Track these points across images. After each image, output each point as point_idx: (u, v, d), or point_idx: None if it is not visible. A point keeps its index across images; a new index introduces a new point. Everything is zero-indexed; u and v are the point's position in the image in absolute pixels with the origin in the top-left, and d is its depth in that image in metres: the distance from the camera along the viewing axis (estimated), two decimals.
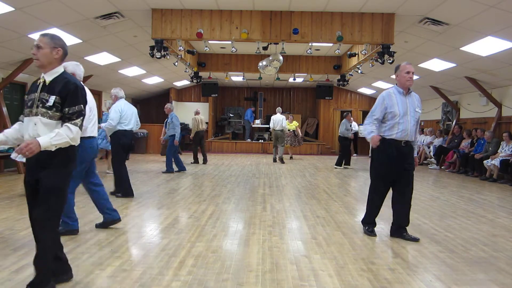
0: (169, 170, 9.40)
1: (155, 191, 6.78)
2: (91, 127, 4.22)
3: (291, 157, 14.01)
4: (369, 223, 4.33)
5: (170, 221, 4.71)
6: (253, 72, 13.26)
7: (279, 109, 12.82)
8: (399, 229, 4.20)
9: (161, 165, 10.37)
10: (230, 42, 8.67)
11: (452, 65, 9.77)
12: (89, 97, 4.14)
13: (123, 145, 6.19)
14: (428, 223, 4.86)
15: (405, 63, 4.14)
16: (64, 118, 2.59)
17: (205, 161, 11.91)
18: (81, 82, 2.75)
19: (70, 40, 8.24)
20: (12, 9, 6.35)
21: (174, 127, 9.45)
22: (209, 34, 8.14)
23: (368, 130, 4.15)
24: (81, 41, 8.45)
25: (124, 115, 6.15)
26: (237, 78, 15.85)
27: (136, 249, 3.68)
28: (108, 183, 7.41)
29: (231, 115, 18.99)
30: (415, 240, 4.07)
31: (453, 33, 7.74)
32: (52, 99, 2.57)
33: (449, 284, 2.99)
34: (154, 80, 14.70)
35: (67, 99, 2.59)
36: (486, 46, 7.98)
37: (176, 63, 10.73)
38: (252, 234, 4.21)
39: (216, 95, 16.97)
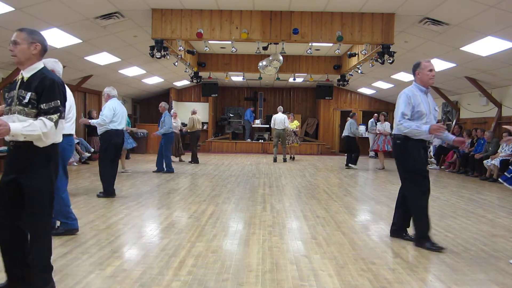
0: (168, 170, 9.41)
1: (155, 191, 6.78)
2: (70, 125, 4.25)
3: (292, 157, 14.00)
4: (428, 236, 3.84)
5: (170, 221, 4.71)
6: (253, 72, 13.26)
7: (280, 108, 12.84)
8: (401, 230, 4.14)
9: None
10: (230, 42, 8.67)
11: (452, 65, 9.77)
12: (68, 94, 4.10)
13: (115, 144, 6.18)
14: None
15: (426, 61, 3.90)
16: (40, 113, 2.46)
17: (195, 161, 11.87)
18: (60, 79, 2.67)
19: (70, 40, 8.25)
20: (12, 9, 6.35)
21: (165, 125, 9.45)
22: (209, 34, 8.15)
23: (412, 126, 3.75)
24: (81, 41, 8.45)
25: (117, 114, 6.18)
26: (237, 78, 15.85)
27: (136, 249, 3.68)
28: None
29: (231, 115, 18.99)
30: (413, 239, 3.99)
31: (453, 33, 7.74)
32: (28, 95, 2.48)
33: (449, 284, 2.99)
34: (154, 80, 14.70)
35: (43, 94, 2.47)
36: (486, 46, 7.98)
37: (176, 63, 10.73)
38: (252, 234, 4.21)
39: (216, 95, 16.98)
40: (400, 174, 4.06)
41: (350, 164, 11.30)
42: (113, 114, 6.13)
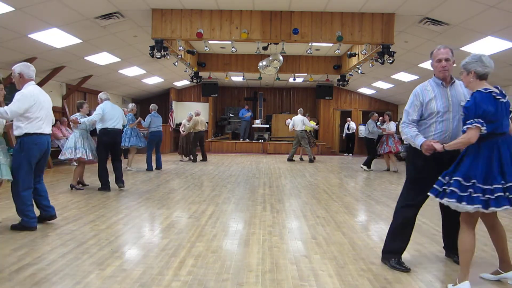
0: (149, 168, 9.83)
1: (155, 191, 6.77)
2: (35, 124, 4.28)
3: (301, 158, 13.88)
4: (396, 253, 3.35)
5: (170, 221, 4.71)
6: (253, 72, 13.27)
7: (300, 110, 13.05)
8: (449, 250, 3.58)
9: (162, 165, 10.34)
10: (230, 42, 8.67)
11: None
12: (33, 93, 4.34)
13: (104, 143, 6.79)
14: (428, 223, 4.85)
15: (437, 48, 3.23)
16: None
17: (205, 159, 12.51)
18: None
19: (70, 40, 8.25)
20: (12, 9, 6.35)
21: (145, 125, 9.94)
22: (209, 34, 8.15)
23: (408, 135, 3.22)
24: (81, 41, 8.45)
25: (106, 113, 6.74)
26: (237, 78, 15.85)
27: (136, 249, 3.68)
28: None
29: (231, 115, 18.98)
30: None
31: (453, 33, 7.74)
32: None
33: (449, 284, 2.99)
34: (154, 80, 14.70)
35: None
36: (486, 46, 7.98)
37: (176, 63, 10.73)
38: (252, 234, 4.21)
39: (216, 95, 16.99)
40: None
41: (362, 166, 10.85)
42: (102, 114, 6.72)
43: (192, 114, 12.34)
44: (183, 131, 12.13)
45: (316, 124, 14.35)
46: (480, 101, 2.76)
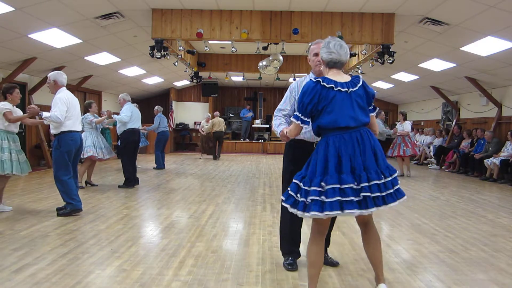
0: (159, 166, 10.20)
1: (155, 191, 6.78)
2: (74, 122, 5.03)
3: None
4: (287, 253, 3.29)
5: (170, 221, 4.71)
6: (253, 72, 13.25)
7: None
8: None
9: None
10: (230, 42, 8.66)
11: (452, 65, 9.77)
12: (72, 98, 5.07)
13: (134, 142, 7.36)
14: (428, 223, 4.86)
15: (315, 42, 3.26)
16: None
17: (218, 157, 13.47)
18: None
19: (70, 40, 8.24)
20: (12, 9, 6.35)
21: (155, 126, 10.36)
22: (209, 34, 8.14)
23: (274, 124, 3.26)
24: (81, 41, 8.45)
25: (133, 114, 7.22)
26: (237, 78, 15.84)
27: (136, 249, 3.68)
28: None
29: (231, 115, 18.97)
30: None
31: (453, 33, 7.73)
32: None
33: (449, 284, 2.99)
34: (154, 80, 14.69)
35: None
36: (486, 46, 7.98)
37: (176, 63, 10.72)
38: (252, 234, 4.21)
39: (216, 95, 16.97)
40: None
41: None
42: (131, 115, 7.17)
43: (209, 115, 13.82)
44: (203, 132, 13.17)
45: None
46: (302, 92, 2.52)
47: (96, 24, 7.78)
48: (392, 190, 2.41)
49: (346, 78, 2.54)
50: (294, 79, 14.79)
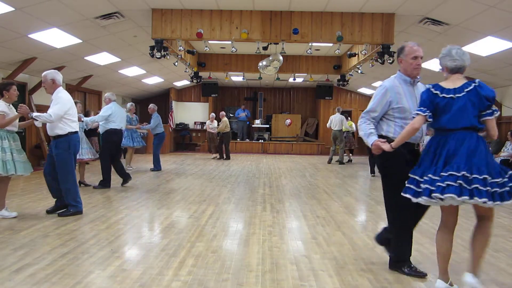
0: (157, 168, 9.81)
1: (155, 191, 6.77)
2: (76, 123, 4.96)
3: (350, 160, 13.40)
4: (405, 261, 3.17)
5: (170, 221, 4.71)
6: (253, 72, 13.26)
7: (339, 108, 12.80)
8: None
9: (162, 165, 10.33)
10: (230, 42, 8.67)
11: None
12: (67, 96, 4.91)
13: (114, 142, 7.22)
14: (428, 223, 4.85)
15: (412, 44, 3.13)
16: None
17: (228, 157, 13.49)
18: None
19: (70, 40, 8.24)
20: (12, 9, 6.35)
21: (152, 126, 9.87)
22: (209, 34, 8.14)
23: (362, 132, 3.14)
24: (81, 41, 8.45)
25: (115, 114, 7.09)
26: (237, 78, 15.84)
27: (136, 249, 3.68)
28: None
29: (231, 115, 18.95)
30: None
31: (453, 33, 7.73)
32: None
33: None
34: (154, 80, 14.69)
35: None
36: (486, 46, 7.98)
37: (176, 63, 10.72)
38: (252, 234, 4.21)
39: (216, 95, 16.98)
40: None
41: (372, 174, 9.76)
42: (110, 114, 7.00)
43: (213, 115, 13.81)
44: (212, 131, 13.41)
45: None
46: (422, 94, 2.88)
47: (96, 24, 7.78)
48: (507, 189, 2.55)
49: (461, 82, 2.75)
50: (294, 79, 14.80)
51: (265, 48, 9.83)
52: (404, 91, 3.15)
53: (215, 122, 13.69)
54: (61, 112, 4.66)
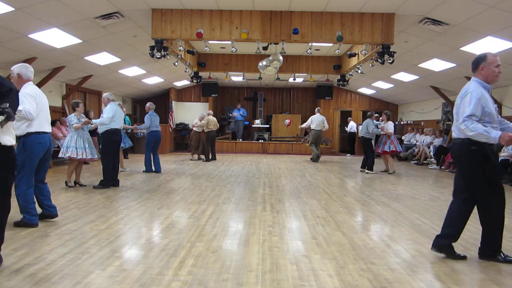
0: (148, 169, 9.34)
1: (155, 191, 6.78)
2: (43, 123, 4.42)
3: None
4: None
5: (170, 221, 4.71)
6: (253, 72, 13.26)
7: (318, 109, 13.46)
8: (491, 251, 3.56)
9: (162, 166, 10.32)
10: (230, 42, 8.67)
11: (452, 65, 9.77)
12: (40, 94, 4.53)
13: (115, 142, 7.23)
14: (428, 223, 4.86)
15: (493, 55, 3.56)
16: None
17: (214, 158, 12.77)
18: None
19: (70, 40, 8.24)
20: (12, 9, 6.35)
21: (146, 125, 9.45)
22: (209, 34, 8.14)
23: (479, 130, 3.24)
24: (81, 41, 8.45)
25: (116, 114, 7.13)
26: (237, 78, 15.84)
27: (136, 249, 3.68)
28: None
29: (230, 115, 18.97)
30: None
31: (453, 33, 7.74)
32: None
33: (449, 284, 2.99)
34: (154, 80, 14.69)
35: None
36: (486, 46, 7.97)
37: (176, 63, 10.72)
38: (252, 234, 4.21)
39: (216, 95, 16.97)
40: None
41: (366, 171, 10.22)
42: (113, 115, 7.07)
43: (204, 114, 12.85)
44: (195, 128, 12.63)
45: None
46: None
47: (96, 24, 7.78)
48: None
49: None
50: (294, 79, 14.80)
51: (265, 48, 9.83)
52: (487, 97, 3.42)
53: (206, 119, 12.63)
54: (33, 107, 4.11)
